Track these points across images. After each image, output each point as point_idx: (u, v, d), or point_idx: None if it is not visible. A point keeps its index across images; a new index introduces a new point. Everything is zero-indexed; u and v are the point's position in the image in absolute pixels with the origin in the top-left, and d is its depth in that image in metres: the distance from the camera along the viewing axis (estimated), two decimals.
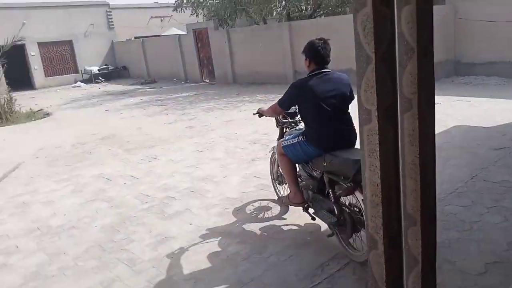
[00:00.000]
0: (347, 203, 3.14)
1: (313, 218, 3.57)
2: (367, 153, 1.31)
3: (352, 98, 3.33)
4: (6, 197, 5.46)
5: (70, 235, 4.14)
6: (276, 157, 3.86)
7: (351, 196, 3.02)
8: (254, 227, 3.89)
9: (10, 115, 11.98)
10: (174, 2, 17.06)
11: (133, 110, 12.02)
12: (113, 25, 23.48)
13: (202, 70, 17.92)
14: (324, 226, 3.56)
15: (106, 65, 23.00)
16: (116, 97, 15.47)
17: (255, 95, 12.48)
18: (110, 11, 23.39)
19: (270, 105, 3.75)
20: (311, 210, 3.57)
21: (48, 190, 5.57)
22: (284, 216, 4.04)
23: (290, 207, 4.04)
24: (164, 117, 10.43)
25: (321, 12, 16.39)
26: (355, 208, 3.03)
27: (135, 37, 23.49)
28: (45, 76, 21.51)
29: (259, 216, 4.13)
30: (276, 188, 4.40)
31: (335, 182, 3.13)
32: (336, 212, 3.09)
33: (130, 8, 24.81)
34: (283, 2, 14.83)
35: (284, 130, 4.01)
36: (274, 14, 16.48)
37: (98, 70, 22.29)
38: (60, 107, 14.09)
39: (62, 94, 18.20)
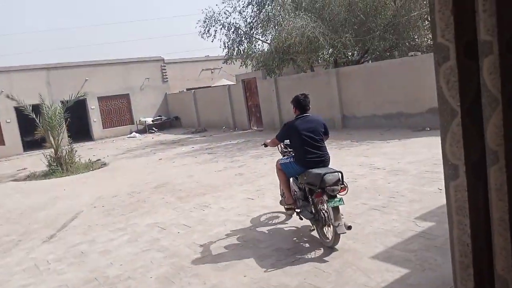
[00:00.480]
0: (320, 207, 4.44)
1: (301, 218, 5.01)
2: (454, 210, 1.21)
3: (326, 133, 4.95)
4: (66, 247, 5.64)
5: (127, 286, 4.15)
6: (276, 171, 5.30)
7: (321, 201, 4.39)
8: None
9: (70, 166, 12.67)
10: (224, 55, 17.83)
11: (184, 158, 12.33)
12: (167, 78, 24.81)
13: (250, 117, 18.27)
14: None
15: (159, 116, 24.10)
16: (169, 146, 16.01)
17: None
18: (165, 66, 24.81)
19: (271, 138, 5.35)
20: (302, 214, 4.93)
21: (105, 240, 5.70)
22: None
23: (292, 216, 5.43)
24: (214, 164, 10.58)
25: (368, 57, 16.44)
26: (324, 210, 4.37)
27: (187, 89, 24.61)
28: (103, 128, 22.81)
29: None
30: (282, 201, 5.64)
31: (312, 191, 4.56)
32: (313, 212, 4.60)
33: (182, 62, 26.19)
34: (330, 50, 15.03)
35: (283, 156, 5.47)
36: (320, 61, 16.73)
37: (152, 120, 23.38)
38: (116, 157, 14.75)
39: (118, 144, 19.12)
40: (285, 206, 5.43)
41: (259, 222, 5.53)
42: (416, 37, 15.13)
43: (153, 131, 22.67)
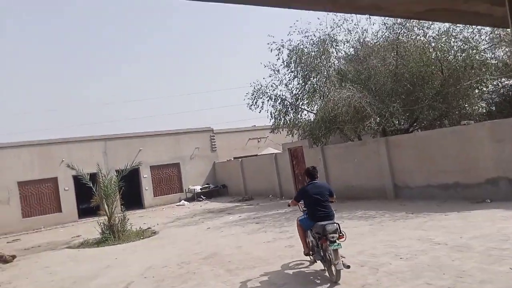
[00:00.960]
0: (326, 251, 5.97)
1: (315, 261, 6.76)
2: None
3: (332, 195, 6.66)
4: None
5: None
6: (296, 227, 7.19)
7: (326, 245, 5.96)
8: None
9: (122, 234, 12.94)
10: (271, 125, 18.30)
11: (232, 227, 12.27)
12: (215, 147, 25.60)
13: (297, 186, 18.14)
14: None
15: (207, 184, 24.54)
16: (216, 214, 16.07)
17: (354, 211, 12.08)
18: (214, 135, 25.73)
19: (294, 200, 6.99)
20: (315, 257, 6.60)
21: None
22: None
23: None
24: (262, 235, 10.42)
25: (417, 125, 16.26)
26: (328, 253, 5.90)
27: (234, 158, 25.15)
28: (154, 196, 23.45)
29: None
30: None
31: (320, 238, 6.13)
32: (322, 255, 6.19)
33: (230, 132, 27.08)
34: (378, 119, 15.05)
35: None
36: (367, 130, 16.70)
37: (201, 189, 23.81)
38: (166, 225, 14.94)
39: (167, 212, 19.44)
40: (304, 253, 6.96)
41: None
42: (466, 105, 14.89)
43: (201, 199, 22.98)
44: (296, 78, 17.29)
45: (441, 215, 9.58)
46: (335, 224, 6.02)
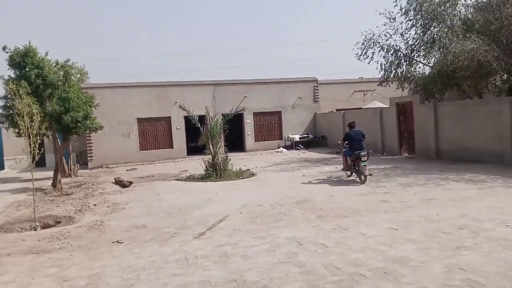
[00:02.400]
0: (358, 166, 10.95)
1: (351, 175, 11.81)
2: None
3: (364, 136, 11.79)
4: (213, 246, 6.12)
5: None
6: (342, 156, 12.41)
7: (358, 163, 10.98)
8: None
9: (224, 172, 13.82)
10: (380, 77, 17.33)
11: (326, 178, 12.27)
12: (318, 98, 25.25)
13: (402, 143, 17.26)
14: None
15: (307, 134, 24.58)
16: (313, 164, 16.17)
17: (462, 173, 11.17)
18: (317, 86, 25.32)
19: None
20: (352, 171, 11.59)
21: (247, 245, 6.01)
22: None
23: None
24: (357, 187, 10.27)
25: None
26: (360, 167, 10.85)
27: (337, 110, 24.60)
28: (255, 141, 24.29)
29: None
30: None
31: (356, 159, 11.12)
32: (357, 169, 11.11)
33: (335, 83, 26.35)
34: (505, 76, 13.30)
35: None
36: (491, 88, 14.91)
37: (299, 138, 23.98)
38: (264, 169, 15.51)
39: (266, 157, 20.09)
40: (343, 169, 12.08)
41: (403, 255, 5.12)
42: None
43: (299, 148, 23.21)
44: (414, 28, 15.92)
45: None
46: (365, 151, 11.02)
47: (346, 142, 11.68)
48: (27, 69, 14.24)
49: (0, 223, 8.83)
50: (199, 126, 14.94)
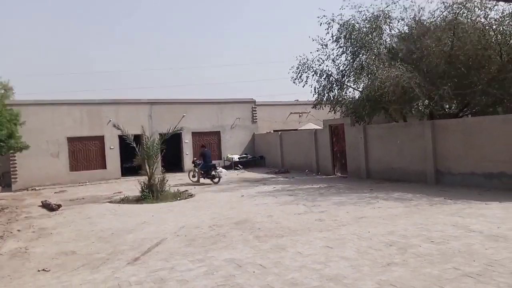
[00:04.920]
0: (215, 174, 17.24)
1: (200, 179, 17.76)
2: None
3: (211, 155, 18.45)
4: (148, 271, 5.90)
5: None
6: (197, 170, 17.93)
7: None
8: None
9: (160, 194, 13.46)
10: (314, 100, 18.04)
11: (265, 197, 12.43)
12: (256, 119, 25.69)
13: (335, 163, 18.00)
14: None
15: (245, 154, 24.82)
16: (252, 184, 16.30)
17: (390, 192, 11.86)
18: (255, 107, 25.78)
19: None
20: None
21: (184, 269, 5.87)
22: None
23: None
24: (294, 207, 10.50)
25: (468, 111, 15.53)
26: (215, 175, 17.34)
27: (274, 130, 25.19)
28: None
29: None
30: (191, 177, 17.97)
31: (209, 170, 17.55)
32: (211, 175, 17.36)
33: (272, 105, 27.02)
34: (426, 101, 14.46)
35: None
36: (414, 112, 16.12)
37: (238, 158, 24.14)
38: (203, 189, 15.36)
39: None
40: (196, 180, 17.76)
41: (337, 273, 5.29)
42: None
43: (238, 168, 23.32)
44: (344, 54, 16.82)
45: (481, 203, 9.23)
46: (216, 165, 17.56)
47: (202, 159, 17.76)
48: None
49: None
50: (135, 146, 14.49)
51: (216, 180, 17.20)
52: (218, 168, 17.64)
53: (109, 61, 75.12)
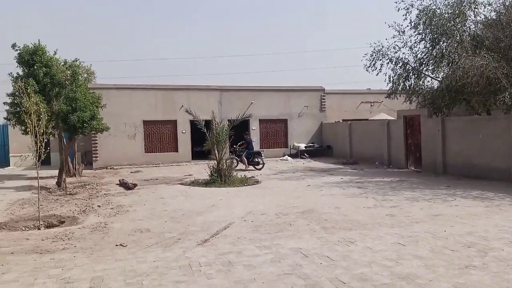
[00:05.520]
0: (259, 160, 18.37)
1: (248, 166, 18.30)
2: None
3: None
4: (216, 253, 6.06)
5: None
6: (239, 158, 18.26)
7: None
8: None
9: (228, 178, 13.77)
10: (387, 89, 17.29)
11: (332, 188, 12.20)
12: (324, 107, 25.23)
13: (408, 156, 17.17)
14: None
15: (312, 143, 24.54)
16: (318, 173, 16.09)
17: (469, 190, 11.07)
18: (324, 96, 25.30)
19: None
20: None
21: (251, 254, 5.94)
22: None
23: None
24: (363, 200, 10.18)
25: None
26: (260, 161, 18.32)
27: (343, 120, 24.56)
28: (260, 148, 24.24)
29: None
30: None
31: (255, 156, 18.54)
32: (256, 161, 18.36)
33: (342, 94, 26.33)
34: None
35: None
36: (499, 105, 14.83)
37: (305, 147, 23.93)
38: (269, 176, 15.45)
39: (271, 165, 20.02)
40: (247, 166, 17.91)
41: (410, 272, 5.04)
42: None
43: (305, 157, 23.14)
44: (423, 41, 15.90)
45: None
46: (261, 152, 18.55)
47: (245, 146, 18.39)
48: (35, 67, 14.28)
49: (5, 221, 8.81)
50: (205, 131, 14.91)
51: (259, 166, 17.78)
52: (262, 155, 18.45)
53: (183, 47, 77.90)
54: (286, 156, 23.45)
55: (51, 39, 52.44)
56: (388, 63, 16.59)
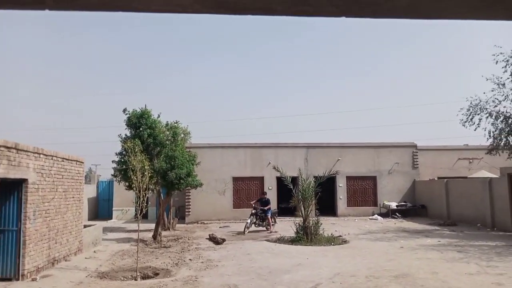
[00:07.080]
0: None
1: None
2: None
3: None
4: None
5: None
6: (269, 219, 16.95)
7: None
8: None
9: (314, 236, 13.52)
10: (488, 145, 16.13)
11: (428, 251, 11.33)
12: (417, 164, 24.03)
13: None
14: None
15: (404, 201, 23.22)
16: (412, 235, 15.08)
17: None
18: (417, 152, 24.20)
19: None
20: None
21: None
22: None
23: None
24: (464, 265, 9.29)
25: None
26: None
27: (438, 177, 23.05)
28: (347, 206, 23.58)
29: None
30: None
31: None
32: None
33: (436, 150, 24.96)
34: None
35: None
36: None
37: (396, 205, 22.70)
38: (357, 236, 14.85)
39: (359, 224, 19.27)
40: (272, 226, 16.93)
41: None
42: None
43: (396, 217, 21.89)
44: None
45: None
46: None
47: (269, 206, 17.22)
48: (141, 129, 15.92)
49: (106, 270, 9.56)
50: (292, 187, 15.03)
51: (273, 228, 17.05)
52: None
53: (271, 107, 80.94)
54: (376, 215, 22.41)
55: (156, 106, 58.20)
56: (487, 117, 15.63)
